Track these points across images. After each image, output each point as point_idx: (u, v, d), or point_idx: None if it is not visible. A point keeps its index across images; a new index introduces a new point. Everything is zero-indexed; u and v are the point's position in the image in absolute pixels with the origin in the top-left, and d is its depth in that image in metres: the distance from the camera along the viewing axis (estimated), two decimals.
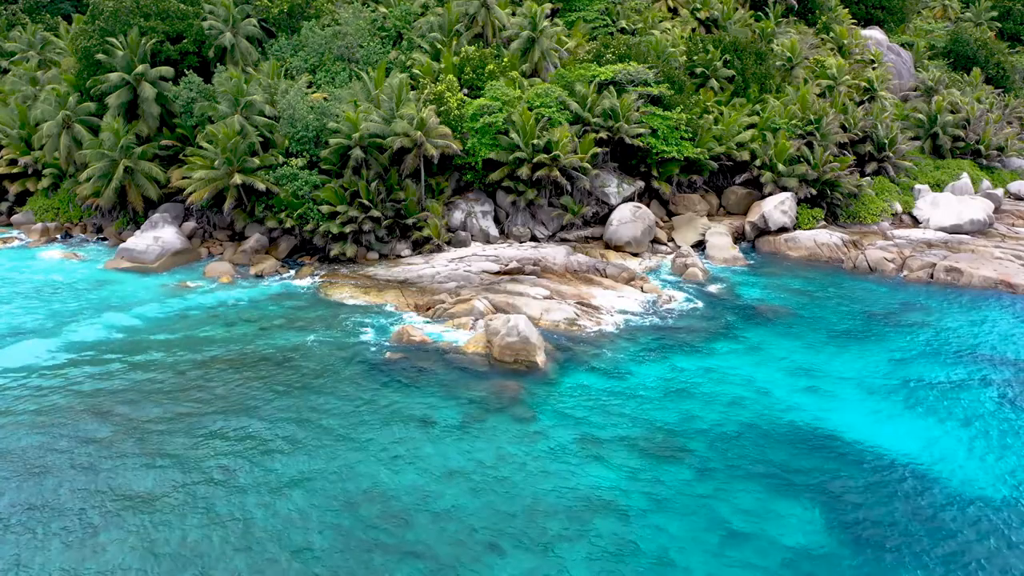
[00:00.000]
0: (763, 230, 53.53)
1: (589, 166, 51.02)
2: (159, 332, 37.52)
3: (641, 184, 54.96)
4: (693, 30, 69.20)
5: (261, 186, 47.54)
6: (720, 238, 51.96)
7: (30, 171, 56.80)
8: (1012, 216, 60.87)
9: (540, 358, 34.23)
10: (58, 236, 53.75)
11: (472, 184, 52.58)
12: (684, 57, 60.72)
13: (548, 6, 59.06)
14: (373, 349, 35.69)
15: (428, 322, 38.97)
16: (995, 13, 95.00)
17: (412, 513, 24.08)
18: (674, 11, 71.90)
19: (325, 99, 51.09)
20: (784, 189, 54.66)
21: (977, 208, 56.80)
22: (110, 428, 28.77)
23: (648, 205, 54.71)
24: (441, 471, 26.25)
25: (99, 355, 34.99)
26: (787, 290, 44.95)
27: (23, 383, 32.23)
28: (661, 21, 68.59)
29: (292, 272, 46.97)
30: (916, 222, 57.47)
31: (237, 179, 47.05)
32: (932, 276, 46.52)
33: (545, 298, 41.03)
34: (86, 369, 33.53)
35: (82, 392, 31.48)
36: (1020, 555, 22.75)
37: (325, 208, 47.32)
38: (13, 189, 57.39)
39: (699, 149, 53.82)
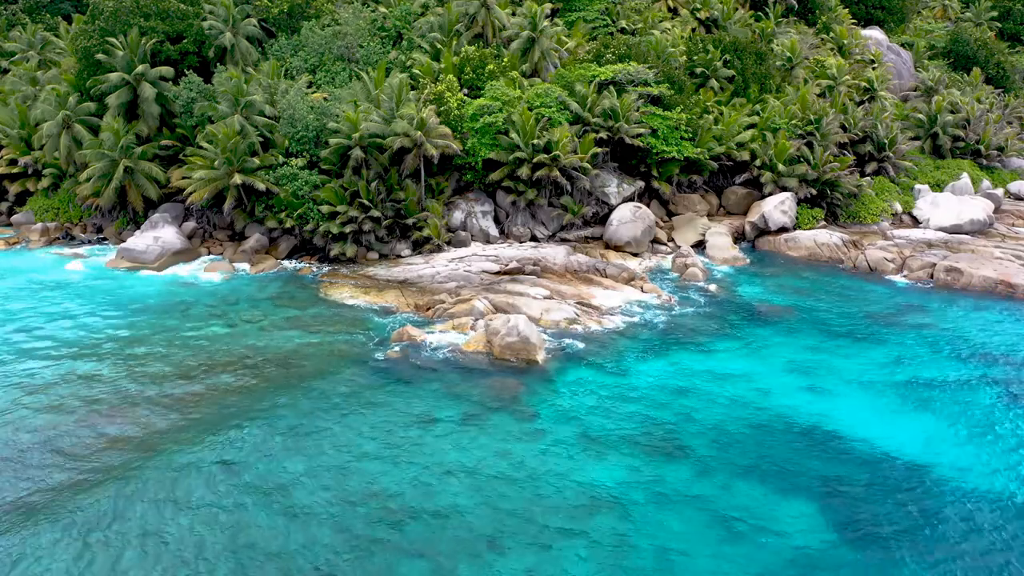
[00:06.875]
0: (763, 230, 53.53)
1: (589, 166, 51.02)
2: (159, 332, 37.54)
3: (641, 184, 54.96)
4: (693, 30, 69.20)
5: (261, 186, 47.57)
6: (720, 238, 51.96)
7: (30, 171, 56.75)
8: (1012, 216, 60.85)
9: (540, 357, 34.31)
10: (58, 236, 53.70)
11: (472, 184, 52.58)
12: (684, 57, 60.70)
13: (548, 6, 59.05)
14: (373, 349, 35.69)
15: (428, 322, 38.98)
16: (995, 13, 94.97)
17: (413, 510, 24.10)
18: (674, 11, 71.90)
19: (325, 99, 51.10)
20: (784, 189, 54.67)
21: (977, 208, 56.78)
22: (110, 427, 28.79)
23: (648, 205, 54.71)
24: (441, 469, 26.28)
25: (99, 355, 34.98)
26: (787, 290, 44.96)
27: (22, 382, 32.22)
28: (661, 21, 68.59)
29: (292, 272, 46.98)
30: (916, 222, 57.45)
31: (237, 179, 47.07)
32: (932, 276, 46.51)
33: (545, 298, 41.03)
34: (85, 369, 33.52)
35: (81, 391, 31.48)
36: (1019, 554, 22.75)
37: (325, 208, 47.35)
38: (13, 189, 57.34)
39: (699, 149, 53.82)
